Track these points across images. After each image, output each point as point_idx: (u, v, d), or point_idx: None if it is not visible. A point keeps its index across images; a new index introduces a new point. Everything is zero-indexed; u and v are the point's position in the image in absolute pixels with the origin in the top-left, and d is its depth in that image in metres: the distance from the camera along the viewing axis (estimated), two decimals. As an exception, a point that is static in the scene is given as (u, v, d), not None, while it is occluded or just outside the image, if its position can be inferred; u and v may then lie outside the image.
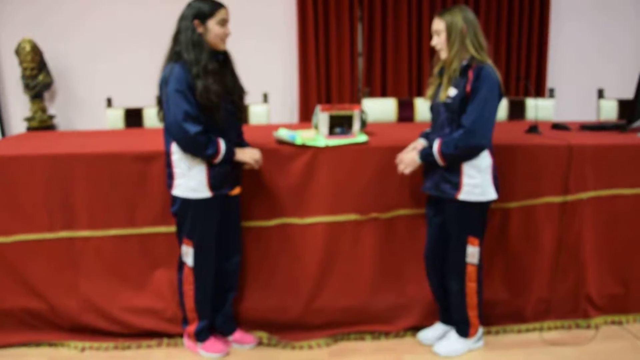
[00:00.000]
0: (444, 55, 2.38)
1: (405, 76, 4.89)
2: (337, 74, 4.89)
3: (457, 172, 2.36)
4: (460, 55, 2.33)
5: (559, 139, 2.84)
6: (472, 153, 2.33)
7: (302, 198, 2.66)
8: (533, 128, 3.08)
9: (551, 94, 4.25)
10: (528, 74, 5.07)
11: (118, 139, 3.08)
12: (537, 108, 3.12)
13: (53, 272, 2.70)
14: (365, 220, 2.70)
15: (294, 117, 5.01)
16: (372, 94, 4.80)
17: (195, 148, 2.26)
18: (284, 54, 4.99)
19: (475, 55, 2.32)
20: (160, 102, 2.34)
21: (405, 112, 3.97)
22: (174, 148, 2.33)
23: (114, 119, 3.92)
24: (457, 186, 2.36)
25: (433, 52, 2.42)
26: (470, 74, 2.30)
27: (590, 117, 4.67)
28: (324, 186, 2.65)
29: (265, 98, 4.03)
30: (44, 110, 4.88)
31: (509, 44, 5.00)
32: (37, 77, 4.75)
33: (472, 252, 2.46)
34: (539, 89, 5.08)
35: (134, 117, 3.92)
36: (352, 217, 2.69)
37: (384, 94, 4.93)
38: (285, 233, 2.70)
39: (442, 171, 2.38)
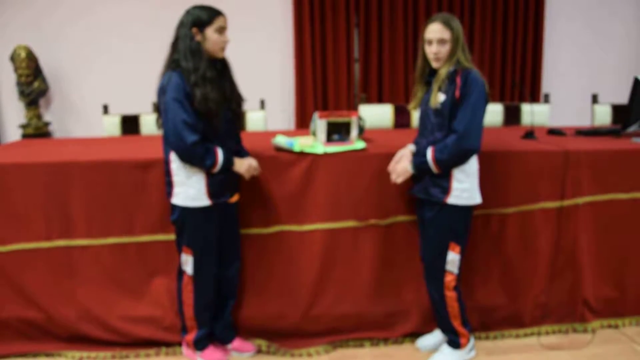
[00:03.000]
0: (438, 64, 2.37)
1: (401, 82, 4.89)
2: (334, 80, 4.88)
3: (446, 177, 2.37)
4: (451, 64, 2.35)
5: (555, 144, 2.87)
6: (465, 157, 2.34)
7: (300, 205, 2.66)
8: (529, 134, 3.10)
9: (546, 99, 4.27)
10: (523, 79, 5.10)
11: (115, 147, 3.07)
12: (532, 114, 3.12)
13: (50, 282, 2.68)
14: (364, 226, 2.69)
15: (291, 123, 5.01)
16: (368, 100, 4.80)
17: (193, 157, 2.26)
18: (281, 60, 4.99)
19: (464, 64, 2.33)
20: (159, 110, 2.33)
21: (402, 118, 3.97)
22: (173, 156, 2.33)
23: (111, 126, 3.90)
24: (446, 190, 2.37)
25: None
26: (458, 80, 2.31)
27: (584, 122, 4.69)
28: (322, 193, 2.65)
29: (263, 104, 4.02)
30: (39, 117, 4.85)
31: (504, 50, 5.03)
32: (33, 83, 4.74)
33: (453, 259, 2.45)
34: (534, 94, 5.10)
35: (130, 124, 3.90)
36: (350, 223, 2.69)
37: (380, 100, 4.93)
38: (283, 240, 2.70)
39: (432, 175, 2.39)
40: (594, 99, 4.25)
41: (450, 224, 2.43)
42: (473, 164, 2.39)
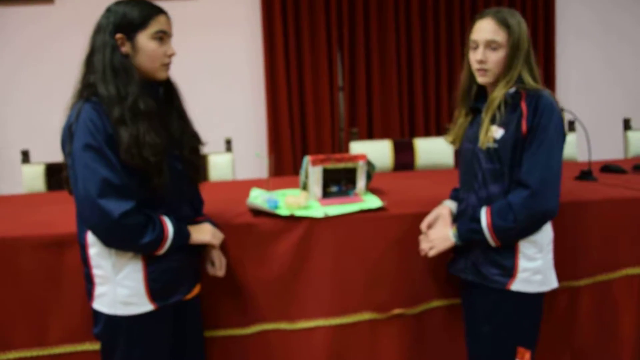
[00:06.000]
0: (488, 79, 1.68)
1: (395, 113, 4.26)
2: (314, 112, 4.24)
3: (510, 252, 1.68)
4: (511, 83, 1.66)
5: (628, 187, 2.24)
6: (538, 224, 1.66)
7: (292, 293, 1.93)
8: (586, 174, 2.44)
9: (571, 127, 3.60)
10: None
11: (25, 212, 2.27)
12: (589, 146, 2.40)
13: None
14: (385, 319, 1.98)
15: (264, 167, 4.28)
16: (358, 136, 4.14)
17: (124, 238, 1.46)
18: (249, 88, 4.35)
19: (529, 82, 1.65)
20: (66, 163, 1.52)
21: (404, 157, 3.29)
22: (91, 238, 1.51)
23: (32, 178, 3.10)
24: (510, 272, 1.68)
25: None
26: (524, 106, 1.62)
27: (612, 152, 4.05)
28: (324, 275, 1.93)
29: (229, 145, 3.31)
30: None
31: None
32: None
33: None
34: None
35: (58, 174, 3.06)
36: (365, 316, 1.97)
37: (370, 135, 4.31)
38: (269, 344, 1.97)
39: (487, 248, 1.69)
40: (626, 125, 3.61)
41: (516, 319, 1.72)
42: (547, 232, 1.71)
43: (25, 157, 3.21)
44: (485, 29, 1.63)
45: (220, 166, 3.15)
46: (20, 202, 2.57)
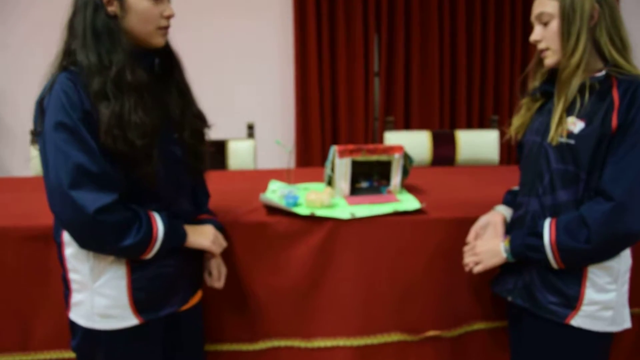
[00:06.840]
0: (552, 59, 1.38)
1: (435, 102, 4.01)
2: (347, 98, 4.03)
3: (575, 277, 1.38)
4: (589, 61, 1.34)
5: None
6: (617, 248, 1.36)
7: (309, 306, 1.73)
8: None
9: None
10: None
11: (18, 199, 2.08)
12: None
13: None
14: (417, 342, 1.75)
15: (291, 157, 4.06)
16: (394, 125, 3.91)
17: (100, 238, 1.21)
18: (277, 71, 4.13)
19: (617, 61, 1.33)
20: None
21: (444, 150, 3.04)
22: (67, 236, 1.28)
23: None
24: (573, 302, 1.38)
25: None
26: (616, 96, 1.31)
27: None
28: (348, 286, 1.72)
29: (251, 131, 3.11)
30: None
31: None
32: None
33: None
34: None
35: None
36: (394, 337, 1.75)
37: (407, 125, 4.08)
38: None
39: (545, 269, 1.40)
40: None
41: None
42: (625, 257, 1.40)
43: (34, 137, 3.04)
44: (535, 6, 1.39)
45: (240, 153, 2.95)
46: (22, 186, 2.40)
